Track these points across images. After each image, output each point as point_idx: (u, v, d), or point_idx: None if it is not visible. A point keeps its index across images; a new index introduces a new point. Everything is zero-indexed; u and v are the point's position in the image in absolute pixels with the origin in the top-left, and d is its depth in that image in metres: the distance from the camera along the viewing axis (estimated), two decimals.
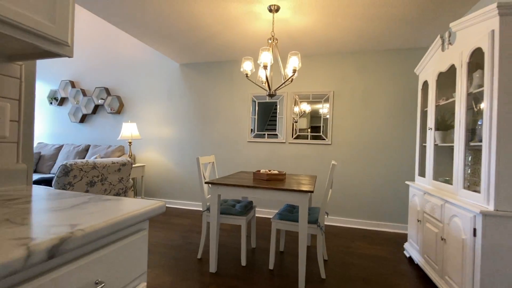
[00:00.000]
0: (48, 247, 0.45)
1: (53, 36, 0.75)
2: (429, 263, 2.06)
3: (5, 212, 0.62)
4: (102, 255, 0.59)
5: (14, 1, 0.66)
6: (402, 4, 2.31)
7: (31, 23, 0.70)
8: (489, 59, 1.49)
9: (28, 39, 0.71)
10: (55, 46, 0.78)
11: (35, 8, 0.71)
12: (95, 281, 0.57)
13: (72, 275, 0.52)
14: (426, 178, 2.27)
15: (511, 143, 1.41)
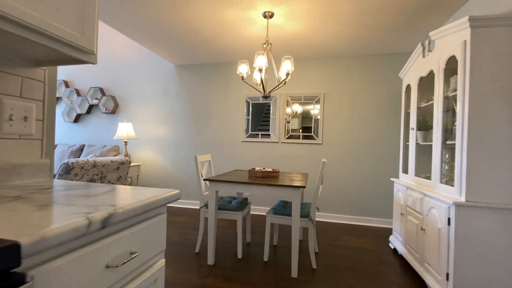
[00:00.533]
0: (101, 219, 0.57)
1: (82, 46, 0.87)
2: (411, 253, 2.24)
3: (49, 197, 0.73)
4: (134, 231, 0.71)
5: (54, 17, 0.77)
6: (387, 13, 2.50)
7: (67, 36, 0.81)
8: (462, 66, 1.67)
9: (62, 48, 0.82)
10: (83, 55, 0.89)
11: (69, 23, 0.82)
12: (130, 251, 0.69)
13: (115, 244, 0.64)
14: (409, 175, 2.45)
15: (480, 142, 1.60)
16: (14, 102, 0.95)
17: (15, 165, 0.95)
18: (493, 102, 1.59)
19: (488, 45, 1.59)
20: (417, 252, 2.10)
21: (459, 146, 1.66)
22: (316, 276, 2.12)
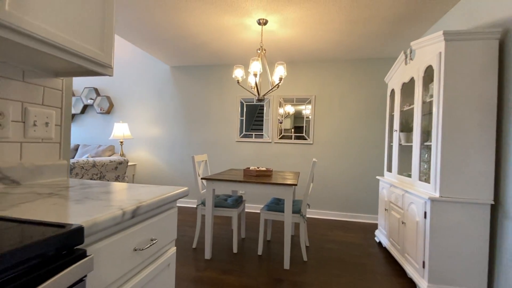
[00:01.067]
0: (132, 210, 0.70)
1: (102, 61, 0.99)
2: (393, 245, 2.43)
3: (77, 193, 0.85)
4: (154, 221, 0.84)
5: (79, 37, 0.89)
6: (373, 22, 2.67)
7: (89, 53, 0.93)
8: (437, 75, 1.85)
9: (85, 64, 0.94)
10: (102, 68, 1.01)
11: (91, 41, 0.94)
12: (151, 238, 0.82)
13: (141, 231, 0.77)
14: (392, 173, 2.64)
15: (452, 143, 1.78)
16: (37, 109, 1.07)
17: (38, 166, 1.06)
18: (464, 108, 1.78)
19: (460, 56, 1.78)
20: (399, 244, 2.29)
21: (434, 147, 1.85)
22: (307, 267, 2.28)
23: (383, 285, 2.03)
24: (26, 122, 1.03)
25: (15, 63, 0.97)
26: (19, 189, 0.89)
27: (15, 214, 0.60)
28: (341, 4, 2.34)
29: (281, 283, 2.02)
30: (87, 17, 0.92)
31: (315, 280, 2.06)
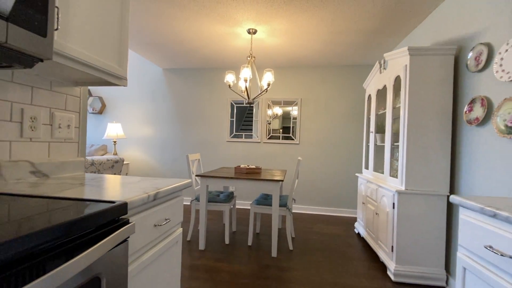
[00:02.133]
0: (154, 194, 0.91)
1: (119, 75, 1.19)
2: (369, 234, 2.71)
3: (104, 184, 1.05)
4: (167, 205, 1.05)
5: (103, 55, 1.09)
6: (352, 33, 2.95)
7: (110, 68, 1.13)
8: (404, 84, 2.14)
9: (106, 77, 1.14)
10: (118, 80, 1.21)
11: (111, 58, 1.14)
12: (165, 218, 1.03)
13: (158, 212, 0.98)
14: (369, 170, 2.93)
15: (415, 144, 2.07)
16: (61, 114, 1.25)
17: (62, 162, 1.25)
18: (426, 114, 2.07)
19: (422, 69, 2.07)
20: (373, 233, 2.57)
21: (401, 147, 2.13)
22: (292, 255, 2.53)
23: (358, 268, 2.30)
24: (53, 124, 1.21)
25: (46, 76, 1.16)
26: (50, 181, 1.07)
27: (70, 196, 0.80)
28: (323, 17, 2.61)
29: (269, 268, 2.25)
30: (108, 39, 1.12)
31: (299, 266, 2.31)
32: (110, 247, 0.63)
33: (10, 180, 1.02)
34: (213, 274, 2.12)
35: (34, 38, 0.72)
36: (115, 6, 1.15)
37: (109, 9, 1.12)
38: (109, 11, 1.12)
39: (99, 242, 0.60)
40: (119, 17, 1.19)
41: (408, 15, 2.51)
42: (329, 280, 2.08)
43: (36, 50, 0.73)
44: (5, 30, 0.64)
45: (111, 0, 1.13)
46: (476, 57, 1.83)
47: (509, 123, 1.53)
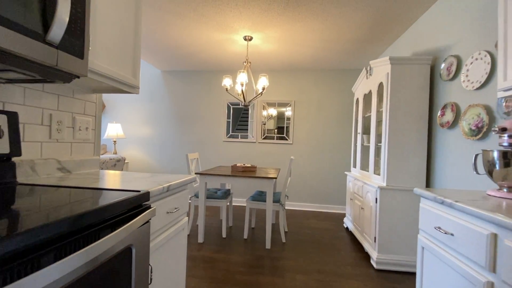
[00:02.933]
0: (167, 186, 1.10)
1: (133, 84, 1.37)
2: (356, 228, 2.93)
3: (124, 178, 1.23)
4: (176, 196, 1.24)
5: (121, 68, 1.27)
6: (341, 42, 3.17)
7: (126, 79, 1.31)
8: (386, 90, 2.35)
9: (122, 87, 1.32)
10: (132, 89, 1.39)
11: (128, 71, 1.32)
12: (175, 207, 1.22)
13: (170, 201, 1.16)
14: (356, 169, 3.15)
15: (396, 144, 2.29)
16: (81, 117, 1.43)
17: (82, 160, 1.43)
18: (405, 117, 2.29)
19: (402, 77, 2.29)
20: (359, 226, 2.79)
21: (383, 147, 2.35)
22: (285, 247, 2.73)
23: (345, 258, 2.52)
24: (74, 127, 1.39)
25: (71, 85, 1.33)
26: (74, 176, 1.25)
27: (101, 187, 0.98)
28: (314, 27, 2.81)
29: (263, 259, 2.45)
30: (125, 53, 1.30)
31: (291, 256, 2.52)
32: (139, 225, 0.82)
33: (42, 175, 1.19)
34: (212, 264, 2.32)
35: (75, 60, 0.90)
36: (130, 24, 1.34)
37: (126, 26, 1.30)
38: (126, 28, 1.30)
39: (132, 220, 0.79)
40: (134, 33, 1.37)
41: (391, 26, 2.74)
42: (318, 268, 2.29)
43: (76, 70, 0.91)
44: (56, 56, 0.83)
45: (128, 19, 1.31)
46: (447, 68, 2.06)
47: (472, 126, 1.76)
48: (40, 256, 0.52)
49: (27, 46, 0.73)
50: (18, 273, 0.48)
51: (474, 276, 0.87)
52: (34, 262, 0.51)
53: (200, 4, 2.46)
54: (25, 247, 0.49)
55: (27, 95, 1.14)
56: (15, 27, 0.70)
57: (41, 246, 0.54)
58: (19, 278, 0.47)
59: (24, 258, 0.49)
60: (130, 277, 0.83)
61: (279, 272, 2.19)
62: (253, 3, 2.40)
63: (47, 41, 0.79)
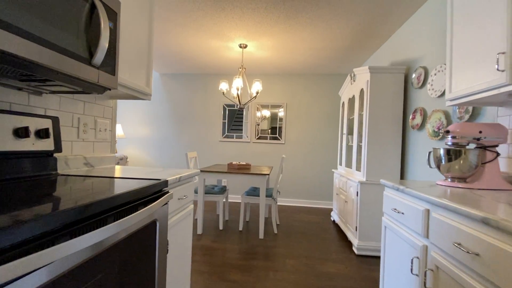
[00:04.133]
0: (179, 177, 1.35)
1: (146, 92, 1.62)
2: (341, 220, 3.22)
3: (141, 171, 1.48)
4: (185, 186, 1.49)
5: (138, 80, 1.52)
6: (328, 50, 3.46)
7: (141, 88, 1.56)
8: (366, 96, 2.65)
9: (138, 95, 1.56)
10: (145, 96, 1.64)
11: (142, 81, 1.57)
12: (184, 195, 1.47)
13: (180, 190, 1.42)
14: (342, 166, 3.45)
15: (374, 143, 2.58)
16: (101, 120, 1.67)
17: (102, 157, 1.66)
18: (382, 120, 2.58)
19: (380, 84, 2.58)
20: (344, 218, 3.09)
21: (363, 146, 2.64)
22: (277, 237, 3.00)
23: (330, 246, 2.80)
24: (95, 128, 1.63)
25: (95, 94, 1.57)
26: (98, 169, 1.49)
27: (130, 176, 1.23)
28: (304, 37, 3.09)
29: (257, 247, 2.71)
30: (140, 66, 1.55)
31: (282, 245, 2.79)
32: (161, 205, 1.07)
33: (72, 168, 1.43)
34: (211, 251, 2.57)
35: (110, 77, 1.15)
36: (144, 40, 1.58)
37: (141, 42, 1.55)
38: (141, 44, 1.55)
39: (157, 200, 1.04)
40: (147, 47, 1.61)
41: (371, 38, 3.04)
42: (306, 254, 2.57)
43: (110, 84, 1.16)
44: (97, 75, 1.07)
45: (143, 36, 1.56)
46: (417, 77, 2.36)
47: (435, 129, 2.06)
48: (106, 217, 0.78)
49: (78, 69, 0.98)
50: (90, 228, 0.73)
51: (415, 242, 1.15)
52: (101, 220, 0.76)
53: (200, 16, 2.71)
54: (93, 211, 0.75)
55: (61, 102, 1.38)
56: (71, 55, 0.94)
57: (103, 212, 0.79)
58: (92, 230, 0.73)
59: (95, 218, 0.75)
60: (155, 245, 1.09)
61: (271, 258, 2.46)
62: (247, 16, 2.66)
63: (92, 64, 1.04)
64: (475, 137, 1.37)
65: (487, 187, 1.31)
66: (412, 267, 1.15)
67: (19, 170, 1.07)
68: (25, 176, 1.09)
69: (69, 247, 0.58)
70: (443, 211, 1.00)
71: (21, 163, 1.08)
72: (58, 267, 0.61)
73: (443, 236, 0.97)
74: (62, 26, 0.89)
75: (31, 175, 1.11)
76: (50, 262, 0.56)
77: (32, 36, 0.78)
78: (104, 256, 0.78)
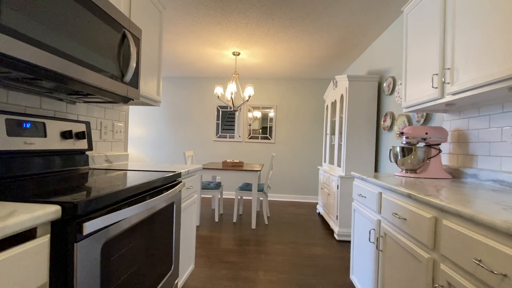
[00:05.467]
0: (188, 170, 1.66)
1: (157, 100, 1.92)
2: (325, 211, 3.59)
3: (152, 166, 1.77)
4: (191, 179, 1.80)
5: (151, 90, 1.82)
6: (313, 58, 3.82)
7: (154, 97, 1.86)
8: (345, 100, 3.01)
9: (150, 102, 1.86)
10: (155, 103, 1.93)
11: (154, 91, 1.87)
12: (191, 185, 1.78)
13: (189, 181, 1.73)
14: (326, 163, 3.82)
15: (352, 142, 2.95)
16: (117, 124, 1.95)
17: (118, 154, 1.95)
18: (360, 121, 2.96)
19: (357, 91, 2.95)
20: (327, 209, 3.45)
21: (343, 144, 3.01)
22: (268, 227, 3.34)
23: (315, 234, 3.16)
24: (113, 130, 1.91)
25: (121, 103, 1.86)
26: (116, 165, 1.78)
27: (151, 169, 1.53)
28: (291, 47, 3.43)
29: (249, 235, 3.04)
30: (152, 77, 1.85)
31: (272, 233, 3.13)
32: (177, 191, 1.38)
33: (97, 164, 1.71)
34: (208, 239, 2.88)
35: (134, 90, 1.44)
36: (156, 54, 1.88)
37: (153, 57, 1.85)
38: (153, 59, 1.85)
39: (175, 187, 1.35)
40: (158, 61, 1.91)
41: (350, 49, 3.41)
42: (293, 240, 2.91)
43: (134, 96, 1.45)
44: (126, 90, 1.37)
45: (154, 51, 1.86)
46: (388, 85, 2.74)
47: (400, 130, 2.44)
48: (145, 196, 1.09)
49: (115, 86, 1.28)
50: (139, 200, 1.04)
51: (372, 217, 1.51)
52: (142, 198, 1.07)
53: (198, 28, 3.00)
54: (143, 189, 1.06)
55: (89, 109, 1.66)
56: (110, 76, 1.24)
57: (144, 192, 1.10)
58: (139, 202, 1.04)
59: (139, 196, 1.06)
60: (173, 221, 1.40)
61: (262, 244, 2.80)
62: (240, 30, 2.98)
63: (123, 81, 1.34)
64: (423, 137, 1.74)
65: (431, 176, 1.68)
66: (370, 236, 1.51)
67: (66, 164, 1.36)
68: (69, 169, 1.38)
69: (137, 208, 0.90)
70: (389, 192, 1.35)
71: (67, 159, 1.37)
72: (134, 218, 0.92)
73: (388, 210, 1.32)
74: (104, 54, 1.19)
75: (72, 169, 1.40)
76: (132, 215, 0.88)
77: (87, 64, 1.08)
78: (146, 221, 1.09)
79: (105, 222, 0.78)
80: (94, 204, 0.76)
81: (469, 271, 0.77)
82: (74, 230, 0.70)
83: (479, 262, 0.73)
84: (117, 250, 0.90)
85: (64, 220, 0.69)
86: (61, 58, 0.91)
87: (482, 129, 1.52)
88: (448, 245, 0.88)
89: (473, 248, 0.76)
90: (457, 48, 1.32)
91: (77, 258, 0.71)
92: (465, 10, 1.27)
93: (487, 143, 1.47)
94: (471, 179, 1.54)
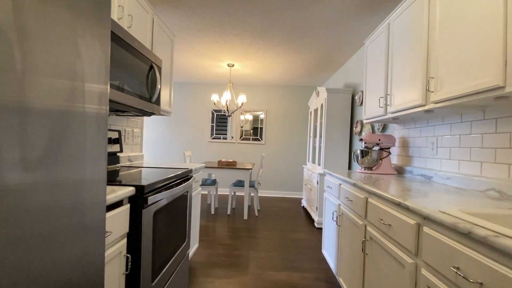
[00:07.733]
0: (195, 168, 2.13)
1: (169, 112, 2.38)
2: (308, 204, 4.12)
3: (166, 164, 2.24)
4: (197, 174, 2.27)
5: (166, 104, 2.28)
6: (300, 69, 4.34)
7: (167, 109, 2.31)
8: (324, 109, 3.54)
9: (163, 113, 2.32)
10: (167, 113, 2.39)
11: (167, 104, 2.33)
12: (196, 180, 2.25)
13: (196, 176, 2.20)
14: (309, 162, 4.35)
15: (329, 144, 3.48)
16: (136, 130, 2.40)
17: (136, 155, 2.40)
18: (336, 127, 3.49)
19: (334, 101, 3.48)
20: (309, 202, 3.98)
21: (322, 146, 3.53)
22: (258, 219, 3.83)
23: (298, 223, 3.68)
24: (132, 136, 2.36)
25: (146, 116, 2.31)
26: (137, 163, 2.23)
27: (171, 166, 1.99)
28: (279, 61, 3.94)
29: (242, 224, 3.53)
30: (165, 93, 2.31)
31: (262, 223, 3.63)
32: (192, 183, 1.85)
33: (122, 163, 2.16)
34: (205, 228, 3.35)
35: (157, 106, 1.91)
36: (168, 72, 2.33)
37: (167, 75, 2.30)
38: (167, 77, 2.30)
39: (189, 180, 1.82)
40: (169, 78, 2.37)
41: (330, 63, 3.95)
42: (279, 228, 3.42)
43: (157, 111, 1.91)
44: (153, 107, 1.83)
45: (167, 70, 2.31)
46: (359, 98, 3.28)
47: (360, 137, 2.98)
48: (172, 184, 1.56)
49: (146, 105, 1.74)
50: (166, 188, 1.52)
51: (334, 202, 2.03)
52: (172, 185, 1.54)
53: (197, 44, 3.46)
54: (169, 181, 1.53)
55: (117, 120, 2.11)
56: (144, 98, 1.70)
57: (170, 182, 1.57)
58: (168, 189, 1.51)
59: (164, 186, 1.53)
60: (187, 206, 1.87)
61: (253, 231, 3.29)
62: (235, 47, 3.46)
63: (151, 101, 1.80)
64: (377, 143, 2.27)
65: (383, 172, 2.21)
66: (333, 216, 2.02)
67: (110, 163, 1.81)
68: (111, 167, 1.83)
69: (171, 192, 1.38)
70: (345, 183, 1.87)
71: (111, 159, 1.82)
72: (166, 200, 1.40)
73: (343, 196, 1.84)
74: (141, 83, 1.65)
75: (111, 166, 1.85)
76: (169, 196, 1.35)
77: (133, 93, 1.54)
78: (172, 203, 1.57)
79: (156, 198, 1.25)
80: (151, 186, 1.23)
81: (410, 249, 1.29)
82: (142, 202, 1.17)
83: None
84: (160, 218, 1.37)
85: (136, 196, 1.16)
86: (123, 93, 1.37)
87: (416, 137, 2.05)
88: (369, 215, 1.39)
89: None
90: (393, 78, 1.85)
91: (143, 218, 1.18)
92: (398, 51, 1.79)
93: (418, 147, 2.01)
94: (409, 174, 2.08)
